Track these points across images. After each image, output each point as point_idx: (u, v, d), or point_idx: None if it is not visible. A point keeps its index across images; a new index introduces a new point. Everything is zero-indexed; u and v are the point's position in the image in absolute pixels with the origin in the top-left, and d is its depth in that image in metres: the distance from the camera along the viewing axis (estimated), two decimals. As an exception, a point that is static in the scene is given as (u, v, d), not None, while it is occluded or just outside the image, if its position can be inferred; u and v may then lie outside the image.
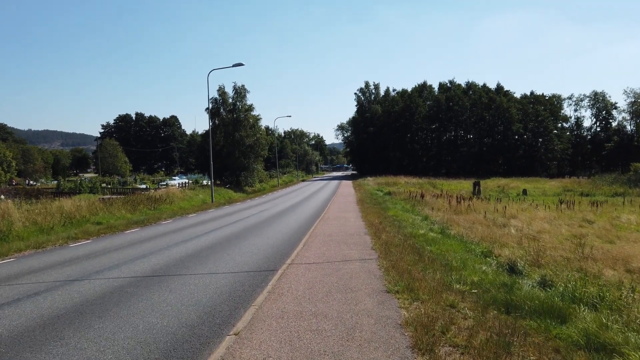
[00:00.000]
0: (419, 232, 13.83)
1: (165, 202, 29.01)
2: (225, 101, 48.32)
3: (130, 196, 28.76)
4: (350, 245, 11.37)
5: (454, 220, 17.49)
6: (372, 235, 12.66)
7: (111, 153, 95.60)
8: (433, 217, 18.78)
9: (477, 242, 11.88)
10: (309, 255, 10.07)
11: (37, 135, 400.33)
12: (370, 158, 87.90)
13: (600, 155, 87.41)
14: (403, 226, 15.56)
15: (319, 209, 24.67)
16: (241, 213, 23.36)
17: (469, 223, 17.08)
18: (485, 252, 10.61)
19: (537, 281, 7.80)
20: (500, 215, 20.13)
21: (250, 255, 10.65)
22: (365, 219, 17.69)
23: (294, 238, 13.35)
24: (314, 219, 19.17)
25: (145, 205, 26.49)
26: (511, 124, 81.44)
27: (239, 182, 47.93)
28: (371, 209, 22.60)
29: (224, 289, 7.56)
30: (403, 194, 33.56)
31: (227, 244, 12.69)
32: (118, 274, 9.05)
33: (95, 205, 23.28)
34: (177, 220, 20.46)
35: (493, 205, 23.37)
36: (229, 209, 26.86)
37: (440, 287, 6.70)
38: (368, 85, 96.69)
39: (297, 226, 16.63)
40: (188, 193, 35.18)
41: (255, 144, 48.02)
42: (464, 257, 9.83)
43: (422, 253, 9.85)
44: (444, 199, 27.32)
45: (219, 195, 39.68)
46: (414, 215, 20.17)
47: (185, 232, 15.68)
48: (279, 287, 7.39)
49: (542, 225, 17.08)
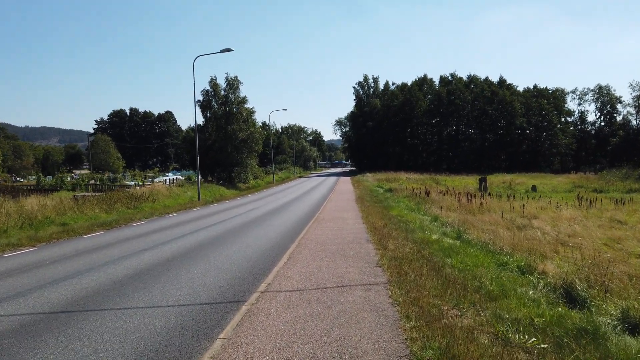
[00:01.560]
0: (431, 238, 11.46)
1: (147, 200, 26.65)
2: (217, 93, 45.80)
3: (108, 194, 26.34)
4: (348, 258, 8.92)
5: (468, 222, 15.15)
6: (376, 244, 10.27)
7: (103, 149, 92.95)
8: (443, 217, 16.43)
9: (508, 251, 9.53)
10: (292, 276, 7.62)
11: (34, 131, 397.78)
12: (369, 153, 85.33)
13: (605, 150, 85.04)
14: (411, 229, 13.18)
15: (314, 207, 22.31)
16: (227, 212, 20.97)
17: (486, 225, 14.74)
18: (522, 266, 8.26)
19: (616, 317, 5.45)
20: (519, 215, 17.79)
21: (216, 274, 8.19)
22: (366, 220, 15.32)
23: (279, 247, 10.94)
24: (308, 219, 16.79)
25: (124, 204, 24.10)
26: (514, 118, 78.88)
27: (232, 179, 45.47)
28: (372, 207, 20.23)
29: (154, 342, 5.03)
30: (405, 191, 31.19)
31: (196, 254, 10.28)
32: (13, 309, 6.40)
33: (64, 205, 20.89)
34: (152, 222, 18.07)
35: (507, 204, 21.02)
36: (216, 207, 24.47)
37: (494, 342, 4.33)
38: (367, 78, 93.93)
39: (285, 229, 14.24)
40: (175, 190, 32.79)
41: (248, 138, 45.50)
42: (497, 275, 7.48)
43: (443, 271, 7.44)
44: (451, 196, 24.97)
45: (209, 192, 37.27)
46: (421, 215, 17.80)
47: (152, 237, 13.28)
48: (237, 340, 4.87)
49: (570, 228, 14.75)
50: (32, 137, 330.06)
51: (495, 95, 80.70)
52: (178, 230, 14.87)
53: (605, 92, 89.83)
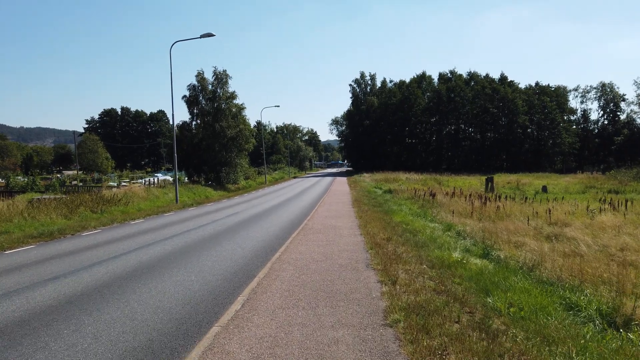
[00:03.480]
0: (452, 257, 8.56)
1: (120, 202, 23.72)
2: (205, 88, 42.75)
3: (70, 196, 23.34)
4: (338, 304, 5.84)
5: (489, 231, 12.28)
6: (380, 272, 7.26)
7: (91, 149, 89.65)
8: (457, 225, 13.54)
9: (569, 280, 6.62)
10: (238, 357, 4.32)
11: (30, 132, 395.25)
12: (366, 153, 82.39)
13: (609, 149, 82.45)
14: (422, 244, 10.26)
15: (303, 212, 19.39)
16: (202, 218, 18.01)
17: (514, 235, 11.86)
18: (604, 310, 5.36)
19: None
20: (544, 221, 14.92)
21: (108, 344, 4.80)
22: (365, 230, 12.39)
23: (239, 278, 7.64)
24: (293, 229, 13.86)
25: (88, 207, 21.17)
26: (516, 116, 76.05)
27: (220, 179, 42.45)
28: (371, 212, 17.31)
29: None
30: (406, 192, 28.29)
31: (108, 295, 7.00)
32: None
33: (12, 210, 17.94)
34: (107, 231, 15.08)
35: (527, 207, 18.12)
36: (193, 212, 21.50)
37: None
38: (363, 75, 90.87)
39: (260, 245, 11.23)
40: (155, 192, 29.81)
41: (238, 136, 42.45)
42: (581, 334, 4.56)
43: (498, 339, 4.48)
44: (460, 198, 22.11)
45: (193, 194, 34.33)
46: (430, 222, 14.90)
47: (84, 257, 10.17)
48: None
49: (617, 239, 11.88)
50: (28, 138, 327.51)
51: (496, 93, 77.93)
52: (125, 244, 11.88)
53: (609, 90, 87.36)
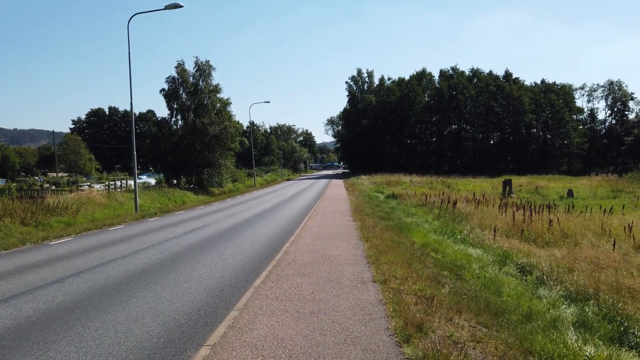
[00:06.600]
0: (563, 352, 4.12)
1: (67, 212, 19.27)
2: (185, 81, 38.19)
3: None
4: None
5: (567, 264, 7.90)
6: None
7: (73, 150, 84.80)
8: (512, 252, 9.14)
9: None
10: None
11: (23, 134, 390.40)
12: (363, 154, 77.84)
13: (617, 150, 78.61)
14: (487, 304, 5.81)
15: (287, 227, 14.94)
16: (146, 237, 13.46)
17: (602, 271, 7.47)
18: None
19: None
20: (625, 241, 10.56)
21: None
22: (378, 267, 7.93)
23: None
24: (260, 265, 9.34)
25: (18, 219, 16.73)
26: (522, 115, 71.79)
27: (202, 182, 37.89)
28: (380, 230, 12.82)
29: None
30: (414, 198, 23.84)
31: None
32: None
33: None
34: (9, 256, 10.56)
35: (582, 219, 13.72)
36: (148, 225, 16.97)
37: None
38: (360, 73, 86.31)
39: (206, 295, 6.79)
40: (119, 198, 25.26)
41: (221, 134, 37.87)
42: None
43: None
44: (486, 206, 17.72)
45: (168, 199, 29.80)
46: (466, 245, 10.46)
47: None
48: None
49: None
50: (21, 139, 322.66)
51: (501, 90, 73.72)
52: (10, 284, 7.42)
53: (617, 88, 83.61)
